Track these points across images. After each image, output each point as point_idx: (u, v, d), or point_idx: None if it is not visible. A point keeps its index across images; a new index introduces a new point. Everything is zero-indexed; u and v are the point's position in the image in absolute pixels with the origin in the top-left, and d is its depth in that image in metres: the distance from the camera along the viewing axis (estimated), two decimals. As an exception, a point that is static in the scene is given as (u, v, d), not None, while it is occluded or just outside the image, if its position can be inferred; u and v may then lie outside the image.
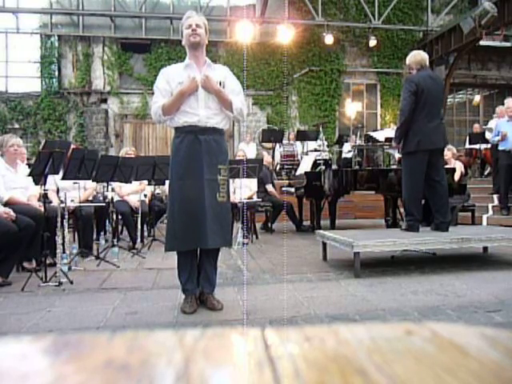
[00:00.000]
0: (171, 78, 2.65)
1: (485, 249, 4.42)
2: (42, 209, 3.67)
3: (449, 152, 5.96)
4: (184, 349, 0.29)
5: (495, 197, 7.08)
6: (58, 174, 3.89)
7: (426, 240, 3.70)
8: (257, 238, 5.87)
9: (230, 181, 5.65)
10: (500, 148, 6.53)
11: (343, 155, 9.25)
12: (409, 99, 3.92)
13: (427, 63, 4.13)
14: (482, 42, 10.86)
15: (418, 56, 4.11)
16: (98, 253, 4.34)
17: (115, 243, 4.57)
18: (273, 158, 9.14)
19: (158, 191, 6.06)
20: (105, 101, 11.71)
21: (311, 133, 9.64)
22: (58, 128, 11.40)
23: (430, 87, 3.96)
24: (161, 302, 2.87)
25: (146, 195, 5.63)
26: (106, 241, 5.32)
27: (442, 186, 4.10)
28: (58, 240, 3.62)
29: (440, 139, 4.03)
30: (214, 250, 2.67)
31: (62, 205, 3.81)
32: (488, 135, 8.05)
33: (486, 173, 9.36)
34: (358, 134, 8.95)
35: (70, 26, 11.59)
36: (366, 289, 3.15)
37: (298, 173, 7.09)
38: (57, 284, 3.26)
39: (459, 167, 6.13)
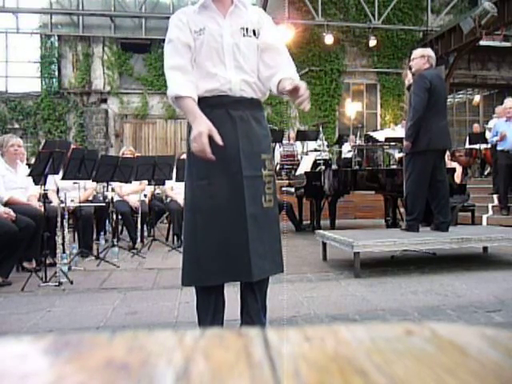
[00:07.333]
0: (188, 23, 1.78)
1: (485, 249, 4.42)
2: (42, 209, 3.67)
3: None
4: (184, 349, 0.29)
5: (495, 197, 7.08)
6: (57, 174, 3.90)
7: (426, 240, 3.70)
8: (257, 237, 5.85)
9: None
10: (499, 148, 6.53)
11: (343, 155, 9.24)
12: (423, 96, 3.82)
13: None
14: (481, 42, 10.85)
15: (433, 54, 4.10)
16: (97, 253, 4.34)
17: (115, 243, 4.57)
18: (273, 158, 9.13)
19: (158, 191, 6.06)
20: (105, 101, 11.71)
21: (311, 133, 9.63)
22: (58, 128, 11.40)
23: (439, 86, 3.93)
24: (161, 302, 2.87)
25: (146, 195, 5.63)
26: (106, 241, 5.32)
27: (444, 186, 4.09)
28: (58, 240, 3.62)
29: (448, 140, 4.04)
30: (260, 281, 1.86)
31: (62, 205, 3.81)
32: (488, 134, 8.05)
33: (485, 173, 9.35)
34: (358, 134, 8.95)
35: (70, 26, 11.59)
36: (366, 289, 3.15)
37: (297, 173, 7.08)
38: (57, 284, 3.26)
39: (458, 167, 6.14)
